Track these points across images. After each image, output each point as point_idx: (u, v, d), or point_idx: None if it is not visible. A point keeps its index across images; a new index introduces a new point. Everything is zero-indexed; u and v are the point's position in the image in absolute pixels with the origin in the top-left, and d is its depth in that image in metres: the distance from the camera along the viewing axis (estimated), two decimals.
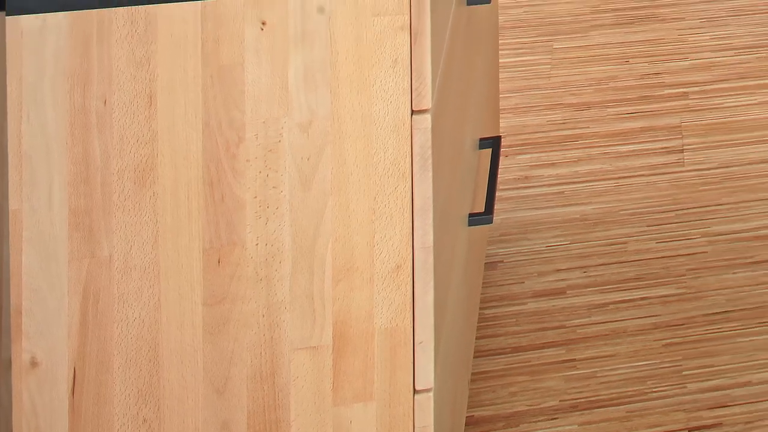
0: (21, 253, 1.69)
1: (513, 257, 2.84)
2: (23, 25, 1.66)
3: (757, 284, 2.73)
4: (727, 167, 3.12)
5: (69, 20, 1.67)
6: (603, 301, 2.71)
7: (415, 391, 1.82)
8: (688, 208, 2.99)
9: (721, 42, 3.67)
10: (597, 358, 2.56)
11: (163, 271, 1.74)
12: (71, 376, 1.71)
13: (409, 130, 1.79)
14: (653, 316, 2.66)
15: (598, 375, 2.52)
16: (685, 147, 3.20)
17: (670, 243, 2.88)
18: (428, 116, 1.80)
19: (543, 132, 3.27)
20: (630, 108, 3.37)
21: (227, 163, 1.75)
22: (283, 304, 1.78)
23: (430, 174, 1.81)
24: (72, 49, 1.68)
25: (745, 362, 2.52)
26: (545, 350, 2.59)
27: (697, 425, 2.42)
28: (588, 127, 3.28)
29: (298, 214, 1.77)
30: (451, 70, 2.03)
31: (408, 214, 1.80)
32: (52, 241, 1.70)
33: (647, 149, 3.20)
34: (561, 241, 2.89)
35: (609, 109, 3.36)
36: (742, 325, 2.62)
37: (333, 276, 1.79)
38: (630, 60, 3.59)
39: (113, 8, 1.69)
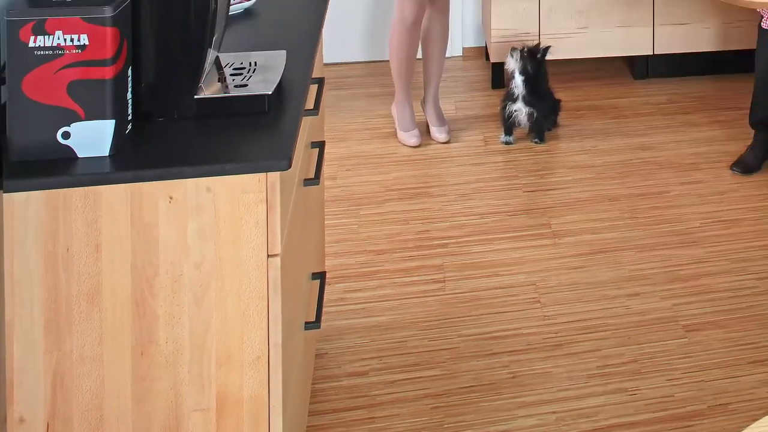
0: (13, 347, 1.68)
1: (334, 350, 2.82)
2: (14, 199, 1.67)
3: (493, 368, 2.76)
4: (473, 292, 3.13)
5: (44, 196, 1.68)
6: (393, 379, 2.71)
7: None
8: (448, 318, 3.00)
9: (469, 210, 3.66)
10: (389, 416, 2.57)
11: (106, 360, 1.73)
12: (46, 429, 1.70)
13: (266, 268, 1.78)
14: (425, 389, 2.68)
15: (389, 428, 2.53)
16: (446, 278, 3.21)
17: (436, 341, 2.89)
18: (278, 259, 1.79)
19: (353, 269, 3.26)
20: (410, 253, 3.36)
21: (147, 290, 1.74)
22: (184, 381, 1.77)
23: (280, 298, 1.81)
24: (46, 214, 1.68)
25: (486, 419, 2.56)
26: (355, 411, 2.58)
27: None
28: (383, 266, 3.28)
29: (193, 322, 1.77)
30: (294, 227, 2.02)
31: (265, 323, 1.80)
32: (34, 340, 1.69)
33: (421, 280, 3.20)
34: (364, 340, 2.88)
35: (396, 254, 3.36)
36: (483, 395, 2.65)
37: (216, 362, 1.78)
38: (409, 222, 3.58)
39: (73, 188, 1.69)
